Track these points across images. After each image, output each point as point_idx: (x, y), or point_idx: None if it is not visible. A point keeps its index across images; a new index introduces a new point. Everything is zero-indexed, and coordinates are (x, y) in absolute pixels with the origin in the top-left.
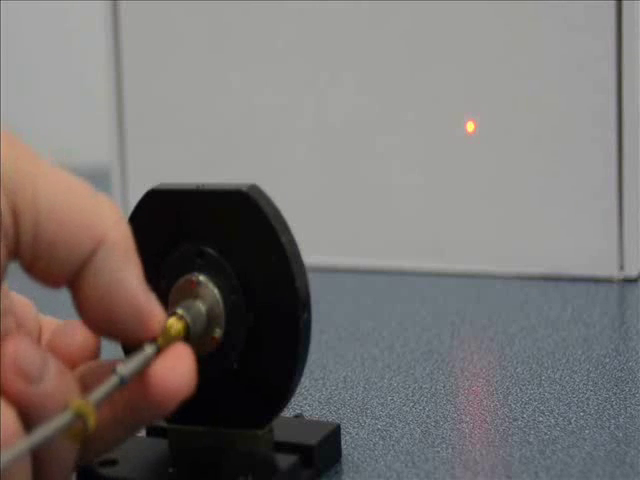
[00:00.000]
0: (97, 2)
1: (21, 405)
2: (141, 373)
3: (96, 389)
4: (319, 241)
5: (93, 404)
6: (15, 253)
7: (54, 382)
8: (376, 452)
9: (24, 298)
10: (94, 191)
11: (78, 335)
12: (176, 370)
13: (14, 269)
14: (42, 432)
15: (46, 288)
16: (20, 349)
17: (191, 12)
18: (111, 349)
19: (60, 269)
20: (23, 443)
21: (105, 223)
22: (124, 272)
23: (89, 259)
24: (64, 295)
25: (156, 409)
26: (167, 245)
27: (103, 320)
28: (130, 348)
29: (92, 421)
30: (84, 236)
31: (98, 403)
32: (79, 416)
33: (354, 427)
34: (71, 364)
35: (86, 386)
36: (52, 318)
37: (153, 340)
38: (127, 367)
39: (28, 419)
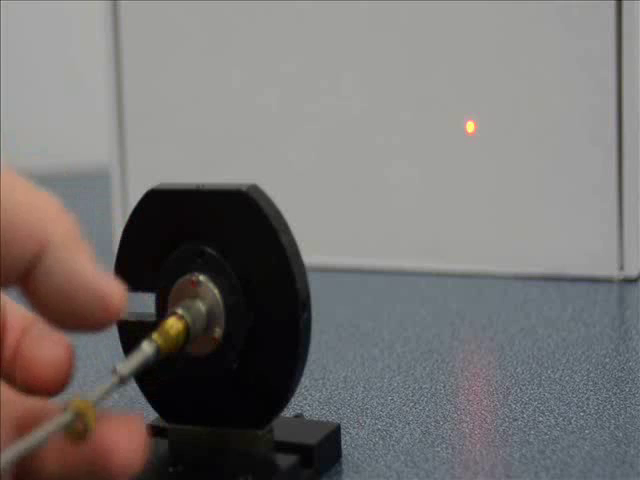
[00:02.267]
0: (97, 2)
1: None
2: (87, 443)
3: (96, 389)
4: (319, 241)
5: (93, 403)
6: None
7: None
8: (376, 452)
9: None
10: (35, 190)
11: (53, 356)
12: (123, 448)
13: None
14: (40, 433)
15: None
16: None
17: (191, 12)
18: (111, 349)
19: (6, 271)
20: (21, 444)
21: (48, 223)
22: (76, 263)
23: (37, 261)
24: None
25: (99, 476)
26: (167, 245)
27: (63, 313)
28: (130, 348)
29: (92, 420)
30: (28, 239)
31: (97, 403)
32: (78, 415)
33: (354, 427)
34: (35, 386)
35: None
36: (23, 309)
37: (151, 338)
38: (127, 366)
39: None
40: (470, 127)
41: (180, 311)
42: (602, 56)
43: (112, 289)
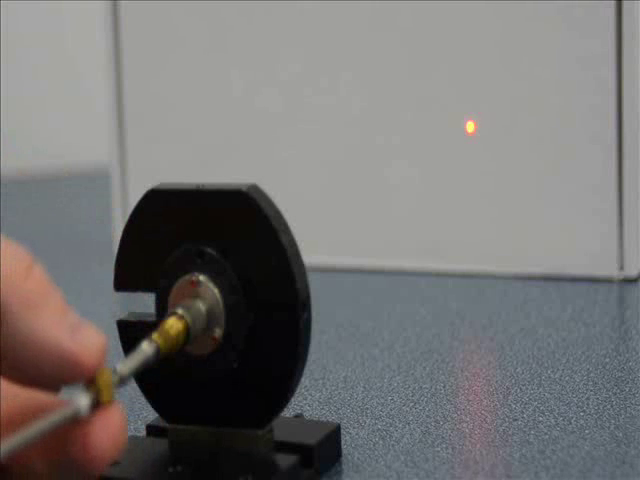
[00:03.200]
0: (97, 2)
1: None
2: (68, 435)
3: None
4: (319, 241)
5: (128, 373)
6: None
7: None
8: (376, 452)
9: None
10: (4, 241)
11: None
12: (102, 438)
13: None
14: (41, 425)
15: None
16: None
17: (191, 12)
18: (111, 349)
19: None
20: (22, 435)
21: (7, 285)
22: (38, 323)
23: None
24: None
25: (78, 471)
26: (167, 245)
27: (26, 376)
28: (130, 348)
29: (107, 395)
30: None
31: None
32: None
33: (354, 427)
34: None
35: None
36: None
37: (151, 338)
38: (127, 367)
39: None
40: (470, 127)
41: (180, 311)
42: (602, 56)
43: (82, 347)
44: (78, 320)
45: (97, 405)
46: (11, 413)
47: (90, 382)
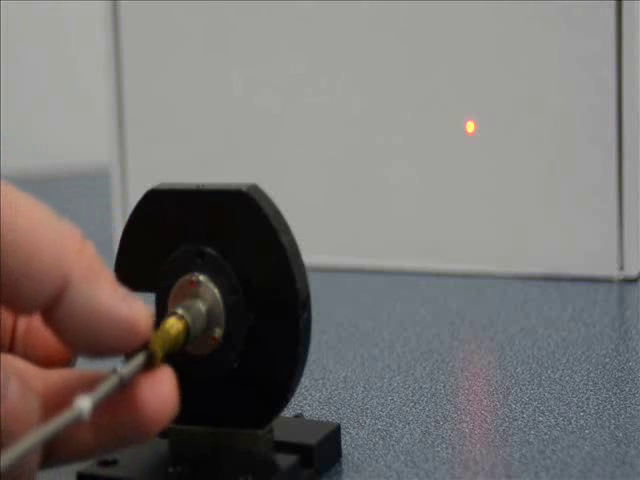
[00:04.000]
0: (97, 2)
1: None
2: (124, 397)
3: (96, 389)
4: (319, 241)
5: (129, 373)
6: None
7: (14, 400)
8: (376, 452)
9: None
10: (57, 221)
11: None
12: (159, 395)
13: None
14: (42, 432)
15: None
16: None
17: (191, 12)
18: None
19: (27, 304)
20: (23, 443)
21: (69, 257)
22: (98, 297)
23: (60, 295)
24: None
25: (138, 433)
26: (167, 245)
27: (89, 345)
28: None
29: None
30: (50, 274)
31: (98, 403)
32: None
33: (354, 427)
34: (48, 362)
35: (65, 398)
36: None
37: (152, 340)
38: (127, 367)
39: None
40: (470, 127)
41: (180, 311)
42: (602, 56)
43: (137, 314)
44: (126, 291)
45: (148, 368)
46: (48, 393)
47: (134, 352)
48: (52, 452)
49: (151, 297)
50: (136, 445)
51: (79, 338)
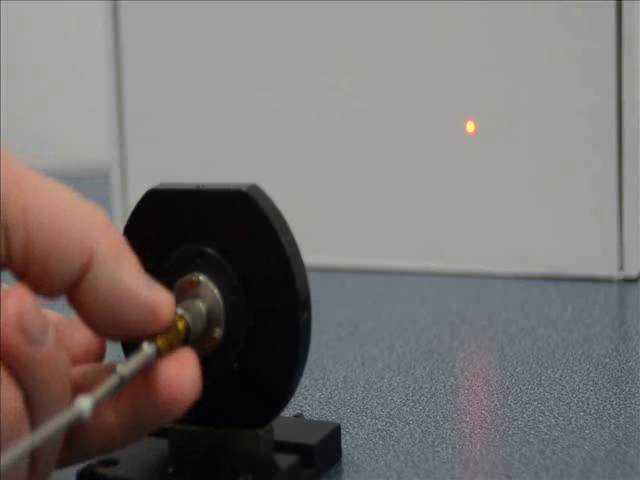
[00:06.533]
0: (97, 2)
1: (15, 367)
2: (148, 379)
3: (96, 389)
4: (319, 241)
5: (129, 374)
6: (7, 265)
7: (52, 348)
8: (376, 452)
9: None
10: (82, 200)
11: (83, 336)
12: (183, 376)
13: None
14: (44, 430)
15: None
16: (25, 307)
17: (191, 12)
18: (111, 350)
19: (55, 281)
20: (25, 442)
21: (95, 233)
22: (123, 274)
23: (85, 272)
24: None
25: (162, 415)
26: (167, 245)
27: (111, 325)
28: (130, 348)
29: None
30: (76, 249)
31: (98, 403)
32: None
33: (354, 427)
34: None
35: (83, 387)
36: (49, 310)
37: (152, 339)
38: (127, 367)
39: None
40: (470, 127)
41: (180, 311)
42: (602, 56)
43: (160, 298)
44: (150, 277)
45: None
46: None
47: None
48: (75, 441)
49: None
50: (155, 429)
51: (101, 317)
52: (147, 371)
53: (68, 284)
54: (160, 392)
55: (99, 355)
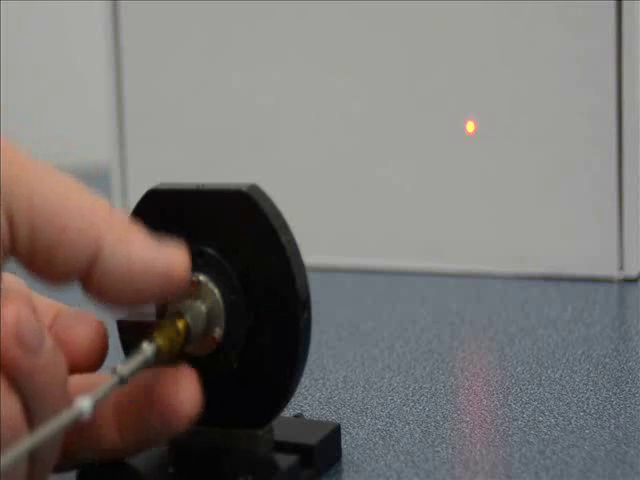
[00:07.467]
0: (97, 2)
1: (13, 376)
2: (149, 398)
3: (96, 389)
4: (319, 241)
5: (129, 373)
6: (12, 255)
7: (49, 356)
8: (376, 452)
9: (12, 275)
10: (87, 191)
11: (85, 329)
12: (183, 401)
13: None
14: (44, 431)
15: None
16: (23, 316)
17: (191, 12)
18: (112, 349)
19: (60, 270)
20: (25, 442)
21: (101, 220)
22: (132, 255)
23: (95, 258)
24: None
25: (164, 433)
26: None
27: (128, 298)
28: (130, 348)
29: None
30: (82, 238)
31: (97, 403)
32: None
33: (354, 427)
34: (74, 365)
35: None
36: (48, 299)
37: (152, 339)
38: (127, 367)
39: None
40: (470, 127)
41: (180, 311)
42: (602, 56)
43: (172, 259)
44: (158, 240)
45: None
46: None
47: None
48: (80, 456)
49: None
50: (160, 444)
51: (120, 295)
52: (148, 389)
53: (76, 273)
54: (161, 409)
55: (102, 346)
